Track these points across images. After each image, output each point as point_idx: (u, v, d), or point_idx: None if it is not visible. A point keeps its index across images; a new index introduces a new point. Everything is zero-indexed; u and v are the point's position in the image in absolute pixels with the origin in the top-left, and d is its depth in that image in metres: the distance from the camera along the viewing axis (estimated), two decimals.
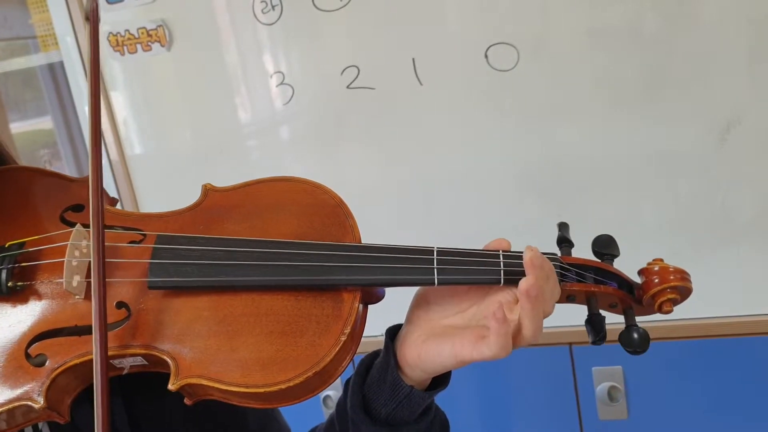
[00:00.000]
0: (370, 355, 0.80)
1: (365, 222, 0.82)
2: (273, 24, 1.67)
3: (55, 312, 0.74)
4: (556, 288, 0.71)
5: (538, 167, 1.62)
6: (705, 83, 1.49)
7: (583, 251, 0.80)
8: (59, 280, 0.73)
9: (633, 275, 0.79)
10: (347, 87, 1.66)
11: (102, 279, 0.69)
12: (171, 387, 0.69)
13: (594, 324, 0.74)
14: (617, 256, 0.79)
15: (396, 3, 1.59)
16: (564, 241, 0.79)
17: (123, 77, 1.80)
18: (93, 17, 0.75)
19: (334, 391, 1.85)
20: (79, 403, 0.75)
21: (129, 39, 1.74)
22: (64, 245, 0.73)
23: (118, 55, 1.76)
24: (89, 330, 0.68)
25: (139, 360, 0.73)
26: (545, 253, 0.72)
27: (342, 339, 0.70)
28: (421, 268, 0.72)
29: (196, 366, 0.70)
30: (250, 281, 0.72)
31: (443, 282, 0.72)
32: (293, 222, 0.77)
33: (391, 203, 1.73)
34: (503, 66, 1.58)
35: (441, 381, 0.77)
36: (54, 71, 2.07)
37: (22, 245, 0.76)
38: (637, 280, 0.78)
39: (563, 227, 0.80)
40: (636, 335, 0.73)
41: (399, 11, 1.59)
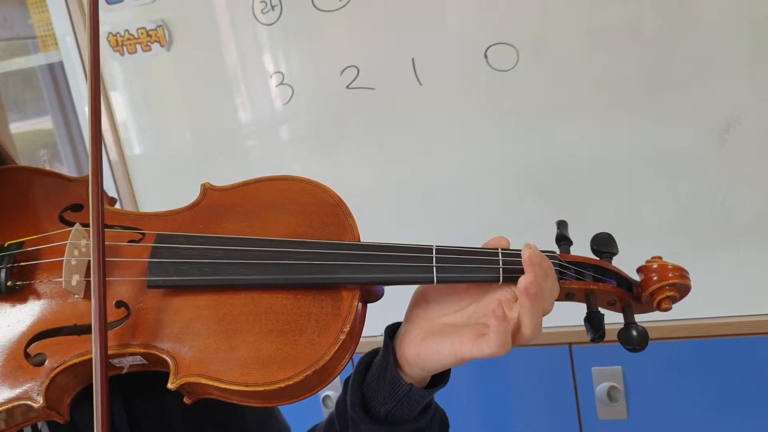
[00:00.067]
0: (369, 354, 0.80)
1: (365, 222, 0.82)
2: (273, 24, 1.67)
3: (55, 311, 0.73)
4: (555, 286, 0.71)
5: (537, 167, 1.62)
6: (705, 83, 1.49)
7: (583, 251, 0.79)
8: (58, 279, 0.72)
9: (632, 274, 0.79)
10: (347, 87, 1.66)
11: (102, 278, 0.68)
12: (170, 386, 0.69)
13: (593, 322, 0.74)
14: (616, 254, 0.79)
15: (396, 3, 1.58)
16: (563, 239, 0.79)
17: (122, 77, 1.80)
18: (93, 16, 0.75)
19: (333, 391, 1.84)
20: (79, 403, 0.75)
21: (128, 39, 1.74)
22: (63, 244, 0.73)
23: (117, 56, 1.76)
24: (88, 329, 0.68)
25: (139, 359, 0.73)
26: (544, 251, 0.72)
27: (341, 337, 0.70)
28: (420, 266, 0.72)
29: (195, 365, 0.70)
30: (249, 280, 0.72)
31: (442, 280, 0.72)
32: (292, 221, 0.77)
33: (391, 203, 1.72)
34: (503, 66, 1.57)
35: (440, 379, 0.77)
36: (54, 71, 2.07)
37: (21, 245, 0.76)
38: (636, 278, 0.78)
39: (562, 225, 0.80)
40: (635, 333, 0.73)
41: (399, 11, 1.59)
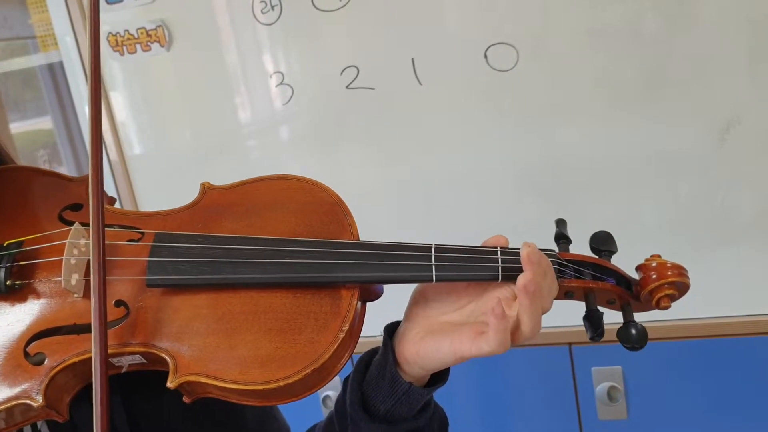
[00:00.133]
0: (368, 353, 0.80)
1: (365, 222, 0.82)
2: (272, 24, 1.67)
3: (54, 310, 0.73)
4: (554, 284, 0.71)
5: (537, 167, 1.62)
6: (705, 83, 1.49)
7: (583, 251, 0.79)
8: (57, 278, 0.72)
9: (632, 274, 0.79)
10: (347, 87, 1.66)
11: (102, 277, 0.68)
12: (169, 385, 0.69)
13: (592, 320, 0.74)
14: (615, 252, 0.79)
15: (395, 3, 1.58)
16: (562, 238, 0.79)
17: (122, 77, 1.80)
18: (93, 16, 0.75)
19: (333, 391, 1.84)
20: (78, 402, 0.75)
21: (128, 39, 1.74)
22: (62, 244, 0.73)
23: (117, 56, 1.76)
24: (88, 328, 0.68)
25: (138, 358, 0.73)
26: (543, 250, 0.72)
27: (340, 336, 0.70)
28: (419, 264, 0.72)
29: (194, 364, 0.70)
30: (248, 279, 0.72)
31: (441, 279, 0.72)
32: (291, 220, 0.77)
33: (391, 203, 1.72)
34: (503, 66, 1.57)
35: (440, 377, 0.77)
36: (53, 71, 2.07)
37: (20, 244, 0.76)
38: (635, 276, 0.78)
39: (561, 224, 0.80)
40: (634, 331, 0.73)
41: (398, 11, 1.59)
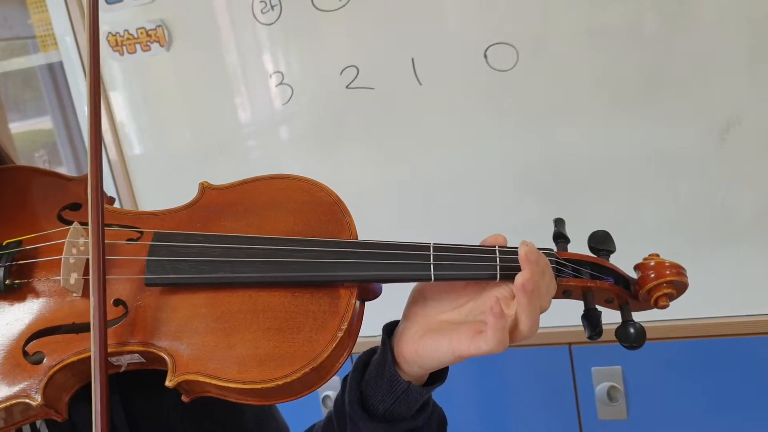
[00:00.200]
0: (367, 352, 0.80)
1: (365, 222, 0.82)
2: (272, 24, 1.67)
3: (53, 310, 0.73)
4: (552, 283, 0.71)
5: (537, 167, 1.62)
6: (705, 83, 1.49)
7: (583, 251, 0.79)
8: (56, 277, 0.73)
9: (631, 273, 0.79)
10: (346, 87, 1.66)
11: (102, 276, 0.69)
12: (168, 383, 0.69)
13: (590, 319, 0.74)
14: (613, 251, 0.79)
15: (395, 3, 1.58)
16: (560, 237, 0.79)
17: (122, 77, 1.80)
18: (93, 15, 0.75)
19: (333, 391, 1.84)
20: (77, 401, 0.75)
21: (128, 39, 1.74)
22: (61, 243, 0.73)
23: (117, 55, 1.76)
24: (87, 327, 0.68)
25: (137, 357, 0.73)
26: (541, 249, 0.72)
27: (339, 335, 0.70)
28: (418, 263, 0.72)
29: (193, 363, 0.70)
30: (247, 278, 0.72)
31: (440, 278, 0.72)
32: (290, 219, 0.77)
33: (391, 203, 1.72)
34: (502, 66, 1.57)
35: (438, 377, 0.77)
36: (53, 71, 2.07)
37: (19, 243, 0.76)
38: (633, 275, 0.78)
39: (559, 223, 0.80)
40: (632, 330, 0.73)
41: (398, 11, 1.59)
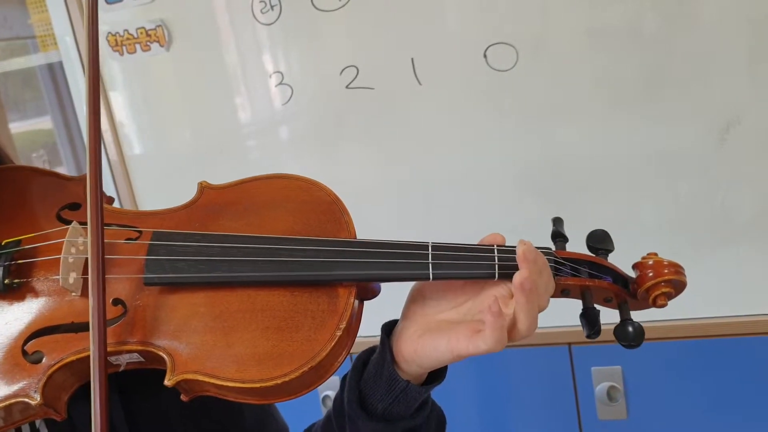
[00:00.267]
0: (366, 351, 0.80)
1: (365, 222, 0.82)
2: (272, 24, 1.67)
3: (52, 309, 0.74)
4: (550, 282, 0.71)
5: (537, 167, 1.62)
6: (705, 83, 1.49)
7: (583, 251, 0.79)
8: (55, 277, 0.73)
9: (629, 272, 0.79)
10: (346, 87, 1.66)
11: (101, 275, 0.69)
12: (167, 383, 0.69)
13: (588, 318, 0.74)
14: (611, 250, 0.79)
15: (395, 3, 1.58)
16: (558, 236, 0.79)
17: (122, 77, 1.80)
18: (92, 14, 0.75)
19: (332, 391, 1.84)
20: (76, 400, 0.75)
21: (128, 39, 1.74)
22: (60, 242, 0.73)
23: (117, 55, 1.76)
24: (86, 327, 0.68)
25: (136, 356, 0.73)
26: (540, 248, 0.72)
27: (337, 334, 0.70)
28: (416, 263, 0.72)
29: (192, 362, 0.70)
30: (245, 277, 0.72)
31: (438, 277, 0.72)
32: (289, 219, 0.77)
33: (391, 203, 1.72)
34: (502, 66, 1.57)
35: (437, 376, 0.77)
36: (53, 71, 2.07)
37: (18, 243, 0.76)
38: (632, 274, 0.78)
39: (557, 222, 0.81)
40: (631, 329, 0.73)
41: (398, 11, 1.59)
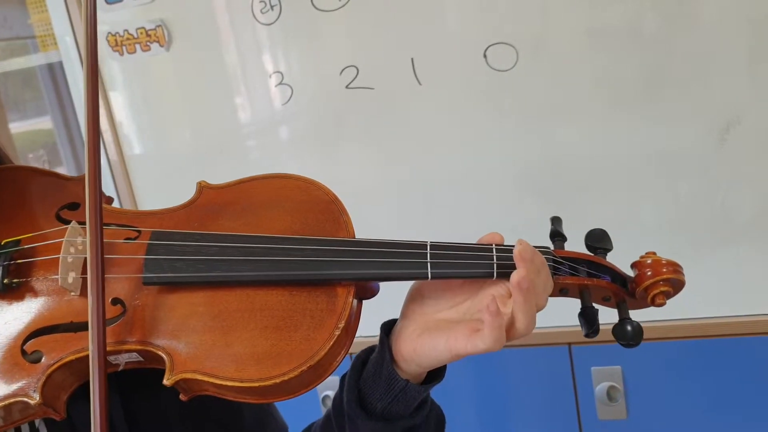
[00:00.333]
0: (365, 351, 0.80)
1: (364, 222, 0.82)
2: (272, 24, 1.67)
3: (51, 309, 0.74)
4: (548, 281, 0.71)
5: (537, 167, 1.62)
6: (705, 83, 1.49)
7: (583, 250, 0.79)
8: (54, 276, 0.73)
9: (628, 271, 0.79)
10: (346, 87, 1.66)
11: (100, 274, 0.69)
12: (166, 382, 0.70)
13: (587, 317, 0.74)
14: (610, 250, 0.79)
15: (395, 3, 1.58)
16: (557, 235, 0.79)
17: (122, 77, 1.80)
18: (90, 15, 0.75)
19: (332, 391, 1.84)
20: (75, 400, 0.75)
21: (128, 39, 1.74)
22: (59, 242, 0.73)
23: (117, 56, 1.76)
24: (85, 326, 0.68)
25: (135, 356, 0.73)
26: (538, 247, 0.72)
27: (336, 333, 0.70)
28: (415, 262, 0.72)
29: (191, 361, 0.70)
30: (244, 276, 0.73)
31: (436, 276, 0.72)
32: (287, 218, 0.77)
33: (391, 203, 1.72)
34: (502, 66, 1.57)
35: (436, 375, 0.77)
36: (53, 71, 2.07)
37: (17, 242, 0.76)
38: (631, 273, 0.78)
39: (556, 221, 0.80)
40: (629, 328, 0.73)
41: (398, 11, 1.59)
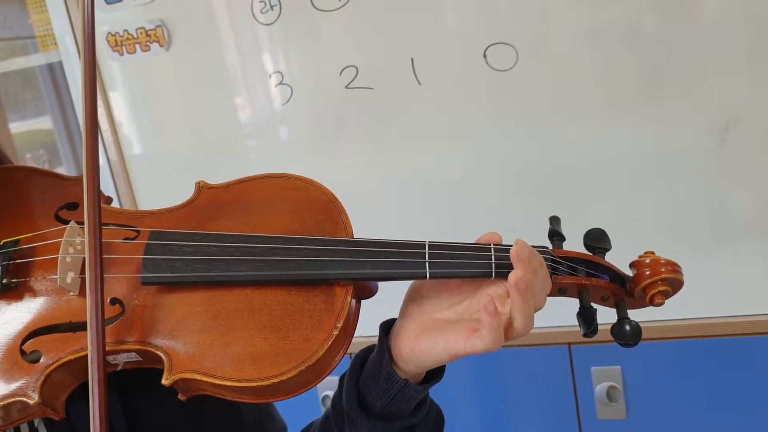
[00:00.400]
0: (364, 350, 0.80)
1: (364, 222, 0.82)
2: (272, 24, 1.67)
3: (50, 309, 0.74)
4: (546, 281, 0.71)
5: (537, 167, 1.62)
6: (704, 83, 1.49)
7: (581, 250, 0.79)
8: (53, 276, 0.73)
9: (626, 270, 0.79)
10: (346, 87, 1.66)
11: (99, 274, 0.69)
12: (164, 382, 0.70)
13: (585, 316, 0.74)
14: (609, 249, 0.79)
15: (395, 3, 1.58)
16: (555, 235, 0.79)
17: (122, 77, 1.80)
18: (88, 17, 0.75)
19: (332, 391, 1.84)
20: (75, 400, 0.75)
21: (128, 39, 1.74)
22: (58, 242, 0.74)
23: (116, 56, 1.76)
24: (84, 326, 0.68)
25: (133, 356, 0.73)
26: (536, 247, 0.72)
27: (334, 333, 0.70)
28: (413, 262, 0.72)
29: (189, 361, 0.70)
30: (242, 276, 0.73)
31: (435, 276, 0.72)
32: (286, 218, 0.77)
33: (391, 203, 1.72)
34: (502, 66, 1.57)
35: (435, 374, 0.77)
36: (53, 71, 2.07)
37: (16, 242, 0.76)
38: (629, 273, 0.78)
39: (554, 221, 0.80)
40: (628, 327, 0.73)
41: (398, 11, 1.59)
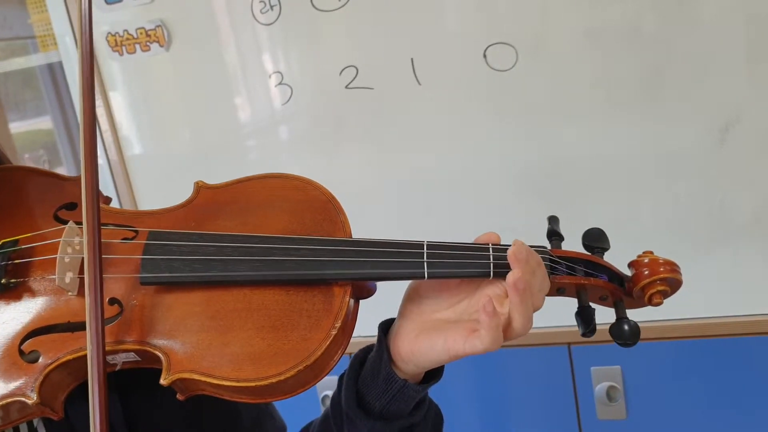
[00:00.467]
0: (363, 350, 0.80)
1: (364, 222, 0.82)
2: (272, 24, 1.67)
3: (48, 308, 0.74)
4: (544, 281, 0.71)
5: (537, 167, 1.62)
6: (704, 83, 1.49)
7: (581, 250, 0.79)
8: (52, 276, 0.73)
9: (625, 270, 0.79)
10: (346, 87, 1.66)
11: (97, 274, 0.69)
12: (163, 382, 0.70)
13: (584, 316, 0.74)
14: (607, 249, 0.78)
15: (395, 3, 1.58)
16: (554, 235, 0.79)
17: (122, 77, 1.80)
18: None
19: (331, 391, 1.84)
20: (74, 400, 0.75)
21: (128, 39, 1.74)
22: (56, 242, 0.74)
23: (116, 56, 1.76)
24: (82, 326, 0.68)
25: (132, 356, 0.73)
26: (535, 246, 0.72)
27: (333, 333, 0.70)
28: (412, 261, 0.72)
29: (187, 361, 0.70)
30: (241, 276, 0.73)
31: (433, 276, 0.72)
32: (284, 218, 0.78)
33: (391, 203, 1.72)
34: (502, 66, 1.57)
35: (434, 374, 0.77)
36: (53, 71, 2.07)
37: (15, 243, 0.76)
38: (628, 272, 0.78)
39: (553, 221, 0.80)
40: (626, 327, 0.73)
41: (397, 11, 1.59)
